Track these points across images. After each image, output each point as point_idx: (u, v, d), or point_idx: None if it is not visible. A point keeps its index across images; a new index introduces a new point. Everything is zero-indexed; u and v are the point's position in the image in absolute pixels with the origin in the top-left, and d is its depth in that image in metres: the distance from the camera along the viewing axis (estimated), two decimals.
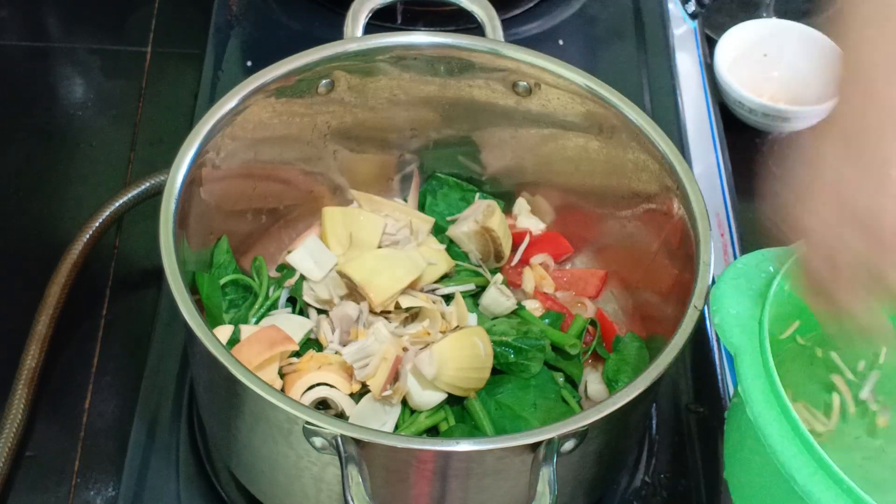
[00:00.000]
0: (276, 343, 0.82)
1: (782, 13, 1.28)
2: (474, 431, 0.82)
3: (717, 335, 0.98)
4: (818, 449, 0.66)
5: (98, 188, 1.08)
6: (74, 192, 1.09)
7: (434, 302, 0.89)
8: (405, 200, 0.99)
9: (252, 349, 0.81)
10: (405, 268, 0.87)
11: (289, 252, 0.93)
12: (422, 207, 0.98)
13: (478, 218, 0.93)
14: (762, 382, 0.70)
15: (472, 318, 0.88)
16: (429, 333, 0.85)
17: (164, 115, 1.15)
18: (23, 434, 0.89)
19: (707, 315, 0.98)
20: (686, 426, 0.93)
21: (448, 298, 0.90)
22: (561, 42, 1.20)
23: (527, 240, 0.96)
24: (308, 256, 0.91)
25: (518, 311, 0.90)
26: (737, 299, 0.75)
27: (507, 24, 0.94)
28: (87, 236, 0.97)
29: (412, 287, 0.88)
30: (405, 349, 0.83)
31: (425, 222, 0.95)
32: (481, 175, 0.99)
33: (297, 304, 0.90)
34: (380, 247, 0.91)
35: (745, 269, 0.77)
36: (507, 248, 0.94)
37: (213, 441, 0.87)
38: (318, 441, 0.68)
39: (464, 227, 0.94)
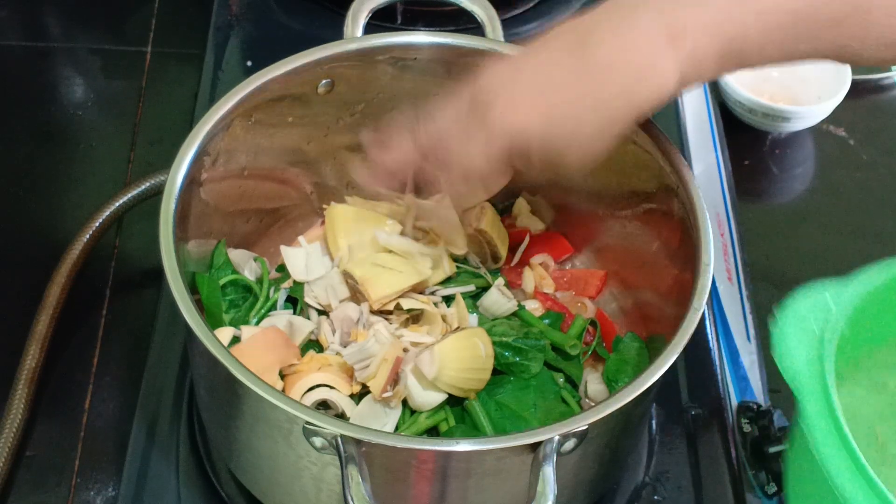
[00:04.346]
0: (278, 349, 0.82)
1: None
2: (474, 432, 0.82)
3: (716, 335, 0.98)
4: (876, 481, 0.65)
5: (98, 188, 1.08)
6: (74, 192, 1.09)
7: (436, 304, 0.88)
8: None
9: (253, 354, 0.80)
10: (408, 271, 0.87)
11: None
12: None
13: (470, 221, 0.92)
14: (827, 422, 0.67)
15: (473, 319, 0.88)
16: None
17: (164, 115, 1.15)
18: (23, 434, 0.89)
19: (707, 315, 0.98)
20: (686, 426, 0.93)
21: (449, 300, 0.90)
22: None
23: (527, 240, 0.96)
24: (303, 257, 0.91)
25: (518, 312, 0.90)
26: (798, 339, 0.72)
27: (507, 24, 0.94)
28: (87, 236, 0.97)
29: (414, 290, 0.88)
30: (406, 350, 0.83)
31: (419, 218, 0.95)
32: None
33: (297, 305, 0.90)
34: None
35: (803, 310, 0.73)
36: (503, 248, 0.94)
37: (213, 441, 0.87)
38: (318, 441, 0.68)
39: None
